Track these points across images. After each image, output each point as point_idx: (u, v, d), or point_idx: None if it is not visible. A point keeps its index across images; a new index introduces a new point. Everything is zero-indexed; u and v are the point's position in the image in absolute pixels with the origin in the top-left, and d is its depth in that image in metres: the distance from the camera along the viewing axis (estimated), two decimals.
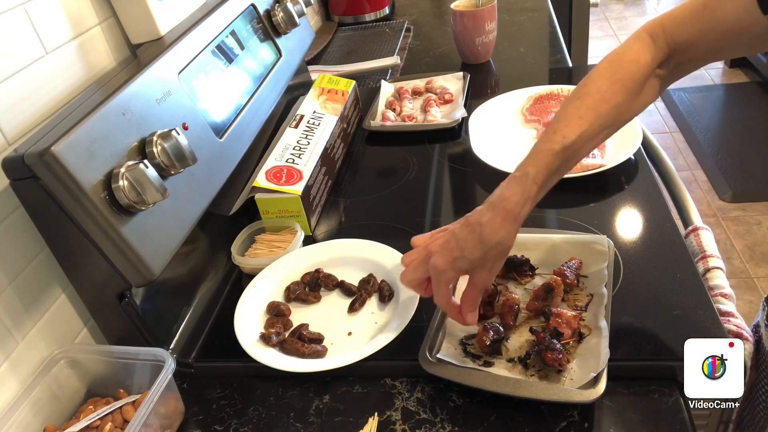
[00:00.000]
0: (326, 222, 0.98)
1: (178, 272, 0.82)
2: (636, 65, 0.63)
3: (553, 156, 0.61)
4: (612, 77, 0.63)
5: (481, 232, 0.61)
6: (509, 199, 0.61)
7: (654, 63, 0.63)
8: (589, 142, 0.63)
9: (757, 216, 2.26)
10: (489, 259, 0.62)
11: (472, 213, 0.64)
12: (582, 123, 0.61)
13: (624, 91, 0.63)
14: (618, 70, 0.64)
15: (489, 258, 0.62)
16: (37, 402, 0.67)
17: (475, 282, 0.64)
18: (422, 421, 0.63)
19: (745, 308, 1.90)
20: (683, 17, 0.62)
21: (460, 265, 0.62)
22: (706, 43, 0.62)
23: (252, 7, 1.07)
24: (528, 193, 0.61)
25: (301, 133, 1.03)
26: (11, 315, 0.66)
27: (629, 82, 0.63)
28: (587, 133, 0.62)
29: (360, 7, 1.84)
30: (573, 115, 0.62)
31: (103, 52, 0.84)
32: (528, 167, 0.62)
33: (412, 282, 0.67)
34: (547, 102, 1.15)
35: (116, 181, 0.62)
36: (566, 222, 0.86)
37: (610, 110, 0.62)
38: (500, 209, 0.61)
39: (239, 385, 0.73)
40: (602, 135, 0.64)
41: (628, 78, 0.63)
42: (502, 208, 0.61)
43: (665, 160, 1.01)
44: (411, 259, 0.67)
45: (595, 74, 0.64)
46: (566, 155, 0.62)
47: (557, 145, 0.61)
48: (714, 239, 0.83)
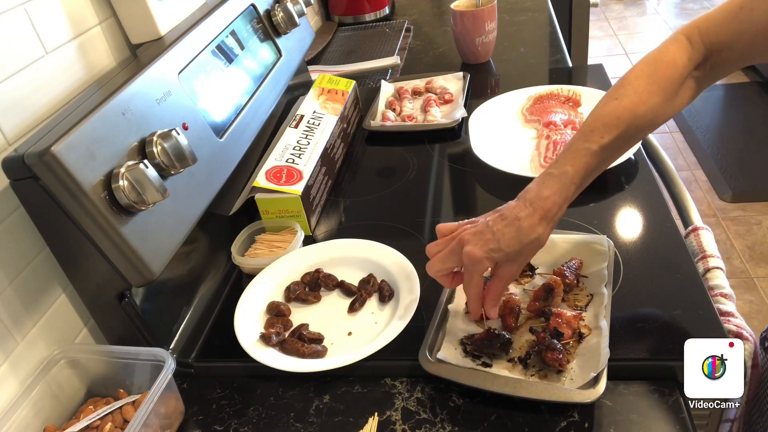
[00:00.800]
0: (326, 222, 0.98)
1: (178, 272, 0.82)
2: (673, 67, 0.63)
3: (591, 156, 0.62)
4: (649, 78, 0.63)
5: (519, 226, 0.62)
6: (548, 199, 0.62)
7: (691, 64, 0.64)
8: (626, 143, 0.64)
9: (757, 216, 2.26)
10: (523, 254, 0.63)
11: (506, 207, 0.64)
12: (620, 124, 0.62)
13: (661, 92, 0.63)
14: (655, 71, 0.64)
15: (523, 253, 0.63)
16: (37, 402, 0.67)
17: (502, 275, 0.64)
18: (422, 421, 0.63)
19: (745, 308, 1.90)
20: (720, 18, 0.62)
21: (495, 257, 0.62)
22: (742, 44, 0.62)
23: (252, 7, 1.07)
24: (566, 194, 0.62)
25: (301, 133, 1.03)
26: (11, 315, 0.66)
27: (666, 83, 0.63)
28: (625, 134, 0.62)
29: (360, 7, 1.84)
30: (611, 116, 0.63)
31: (103, 52, 0.84)
32: (566, 166, 0.62)
33: (440, 272, 0.67)
34: (547, 102, 1.15)
35: (116, 181, 0.62)
36: (566, 222, 0.86)
37: (647, 112, 0.63)
38: (539, 208, 0.62)
39: (239, 385, 0.73)
40: (638, 136, 0.65)
41: (666, 79, 0.63)
42: (541, 207, 0.62)
43: (665, 160, 1.01)
44: (438, 249, 0.67)
45: (632, 75, 0.65)
46: (604, 155, 0.62)
47: (595, 145, 0.62)
48: (714, 239, 0.83)
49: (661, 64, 0.64)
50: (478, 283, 0.64)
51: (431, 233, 0.90)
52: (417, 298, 0.74)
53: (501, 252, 0.62)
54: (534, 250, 0.64)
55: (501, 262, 0.64)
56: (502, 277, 0.65)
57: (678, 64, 0.63)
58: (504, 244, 0.62)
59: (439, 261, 0.66)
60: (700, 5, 4.21)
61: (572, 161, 0.62)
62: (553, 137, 1.01)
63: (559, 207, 0.62)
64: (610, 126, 0.62)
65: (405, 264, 0.80)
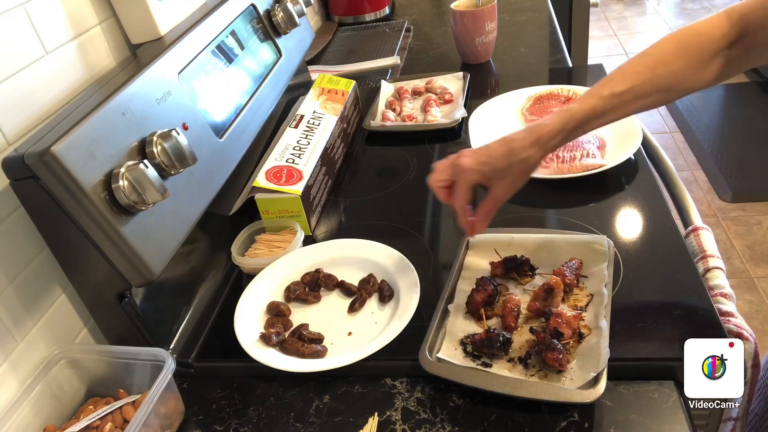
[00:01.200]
0: (326, 222, 0.98)
1: (178, 272, 0.82)
2: (704, 37, 0.65)
3: (599, 99, 0.64)
4: (678, 44, 0.65)
5: (511, 146, 0.66)
6: (545, 126, 0.66)
7: (724, 40, 0.64)
8: (639, 99, 0.65)
9: (757, 216, 2.26)
10: (512, 172, 0.66)
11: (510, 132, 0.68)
12: (636, 78, 0.64)
13: (686, 58, 0.64)
14: (685, 38, 0.66)
15: (512, 171, 0.66)
16: (37, 402, 0.67)
17: (494, 193, 0.68)
18: (422, 421, 0.63)
19: (745, 308, 1.90)
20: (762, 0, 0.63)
21: (484, 170, 0.66)
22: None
23: (252, 7, 1.07)
24: (564, 126, 0.65)
25: (301, 133, 1.03)
26: (11, 315, 0.66)
27: (693, 51, 0.64)
28: (639, 88, 0.64)
29: (360, 7, 1.84)
30: (630, 69, 0.65)
31: (103, 52, 0.84)
32: (573, 104, 0.66)
33: (438, 183, 0.71)
34: (547, 102, 1.15)
35: (116, 181, 0.62)
36: (566, 222, 0.86)
37: (666, 74, 0.64)
38: (534, 132, 0.66)
39: (239, 385, 0.73)
40: (654, 97, 0.65)
41: (694, 48, 0.65)
42: (536, 132, 0.66)
43: (665, 160, 1.01)
44: (440, 162, 0.72)
45: (663, 39, 0.67)
46: (613, 103, 0.64)
47: (606, 90, 0.64)
48: (714, 239, 0.83)
49: (693, 33, 0.66)
50: (463, 193, 0.68)
51: (431, 233, 0.90)
52: (417, 298, 0.74)
53: (490, 165, 0.66)
54: (523, 171, 0.67)
55: (491, 178, 0.67)
56: (493, 195, 0.68)
57: (710, 36, 0.64)
58: (494, 159, 0.66)
59: (439, 172, 0.71)
60: (700, 5, 4.22)
61: (581, 101, 0.66)
62: None
63: (553, 136, 0.65)
64: (626, 78, 0.65)
65: (405, 264, 0.80)
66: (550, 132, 0.65)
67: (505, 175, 0.67)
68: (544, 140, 0.65)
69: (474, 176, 0.67)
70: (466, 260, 0.80)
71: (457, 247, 0.81)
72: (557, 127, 0.65)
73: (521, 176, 0.68)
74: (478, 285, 0.73)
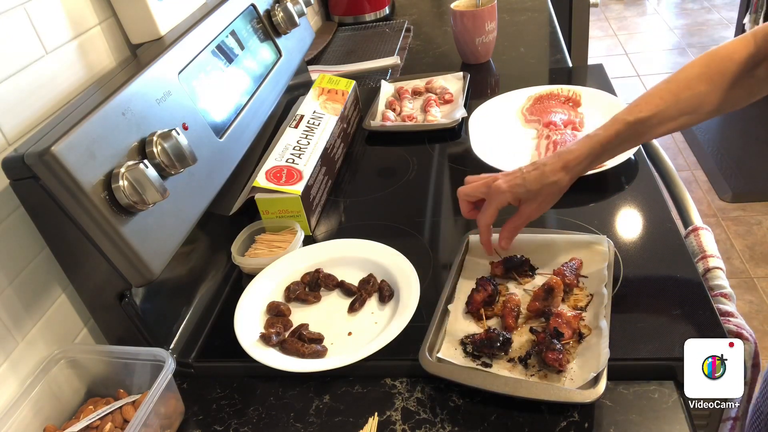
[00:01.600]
0: (326, 222, 0.98)
1: (178, 272, 0.82)
2: (729, 61, 0.65)
3: (625, 125, 0.67)
4: (702, 68, 0.67)
5: (543, 170, 0.71)
6: (572, 152, 0.70)
7: (750, 61, 0.65)
8: (666, 123, 0.67)
9: (757, 216, 2.26)
10: (543, 194, 0.71)
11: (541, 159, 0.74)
12: (661, 103, 0.66)
13: (709, 81, 0.66)
14: (710, 62, 0.67)
15: (543, 193, 0.71)
16: (37, 402, 0.67)
17: (522, 212, 0.73)
18: (422, 421, 0.63)
19: (745, 308, 1.90)
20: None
21: (517, 191, 0.72)
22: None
23: (252, 7, 1.07)
24: (591, 151, 0.69)
25: (301, 133, 1.03)
26: (11, 315, 0.66)
27: (717, 75, 0.66)
28: (664, 113, 0.66)
29: (360, 7, 1.84)
30: (655, 95, 0.67)
31: (103, 52, 0.84)
32: (599, 130, 0.69)
33: (467, 196, 0.76)
34: (547, 102, 1.15)
35: (116, 181, 0.62)
36: (566, 222, 0.86)
37: (691, 97, 0.66)
38: (563, 158, 0.71)
39: (239, 385, 0.73)
40: (681, 120, 0.67)
41: (718, 71, 0.66)
42: (565, 157, 0.71)
43: (665, 160, 1.01)
44: (474, 178, 0.77)
45: (689, 64, 0.68)
46: (638, 128, 0.67)
47: (631, 116, 0.67)
48: (714, 239, 0.83)
49: (718, 57, 0.67)
50: (492, 213, 0.73)
51: (431, 233, 0.90)
52: (417, 298, 0.74)
53: (524, 188, 0.71)
54: (552, 194, 0.72)
55: (523, 199, 0.72)
56: (522, 213, 0.73)
57: (735, 58, 0.65)
58: (528, 183, 0.71)
59: (471, 187, 0.76)
60: (700, 5, 4.22)
61: (606, 127, 0.69)
62: (553, 137, 1.01)
63: (580, 161, 0.70)
64: (651, 103, 0.66)
65: (405, 264, 0.80)
66: (577, 158, 0.70)
67: (536, 197, 0.71)
68: (572, 165, 0.70)
69: (507, 197, 0.72)
70: (466, 260, 0.80)
71: (457, 247, 0.81)
72: (584, 152, 0.69)
73: (550, 198, 0.72)
74: (478, 285, 0.73)
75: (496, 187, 0.72)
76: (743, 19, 3.00)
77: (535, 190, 0.71)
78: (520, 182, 0.71)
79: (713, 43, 3.63)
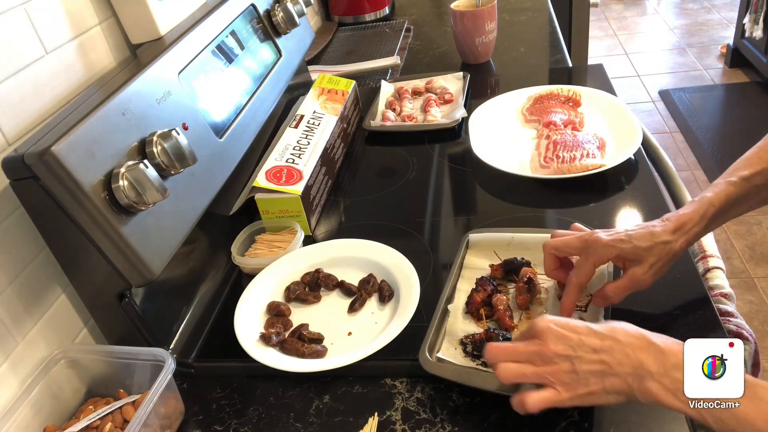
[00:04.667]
0: (326, 222, 0.98)
1: (178, 272, 0.82)
2: None
3: (731, 186, 0.66)
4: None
5: (653, 230, 0.64)
6: (685, 214, 0.65)
7: None
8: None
9: (757, 216, 2.26)
10: (653, 254, 0.64)
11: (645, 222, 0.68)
12: (761, 162, 0.66)
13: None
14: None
15: (654, 252, 0.64)
16: (37, 402, 0.67)
17: (631, 274, 0.65)
18: (422, 421, 0.63)
19: (745, 308, 1.90)
20: None
21: (623, 247, 0.64)
22: None
23: (252, 7, 1.07)
24: (703, 212, 0.65)
25: (301, 133, 1.03)
26: (11, 315, 0.66)
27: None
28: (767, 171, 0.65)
29: (360, 7, 1.84)
30: (755, 156, 0.67)
31: (103, 52, 0.84)
32: (707, 193, 0.66)
33: (557, 251, 0.69)
34: (547, 102, 1.15)
35: (116, 181, 0.62)
36: (566, 222, 0.85)
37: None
38: (674, 220, 0.65)
39: (239, 385, 0.73)
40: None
41: None
42: (678, 220, 0.65)
43: (665, 160, 1.01)
44: (564, 233, 0.70)
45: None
46: (744, 187, 0.65)
47: (735, 176, 0.66)
48: (714, 239, 0.83)
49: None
50: (588, 270, 0.66)
51: (431, 233, 0.90)
52: (417, 298, 0.74)
53: (631, 245, 0.64)
54: (664, 254, 0.64)
55: (629, 259, 0.65)
56: (630, 275, 0.65)
57: None
58: (636, 239, 0.64)
59: (562, 241, 0.68)
60: (700, 5, 4.22)
61: (712, 189, 0.66)
62: (553, 137, 1.01)
63: (694, 223, 0.65)
64: (751, 163, 0.66)
65: (405, 264, 0.80)
66: (691, 220, 0.65)
67: (646, 257, 0.64)
68: (687, 228, 0.65)
69: (610, 253, 0.65)
70: (466, 260, 0.80)
71: (457, 247, 0.81)
72: (696, 215, 0.65)
73: (662, 260, 0.64)
74: (478, 285, 0.73)
75: (596, 240, 0.65)
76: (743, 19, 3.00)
77: (645, 247, 0.63)
78: (625, 237, 0.64)
79: (713, 43, 3.63)
